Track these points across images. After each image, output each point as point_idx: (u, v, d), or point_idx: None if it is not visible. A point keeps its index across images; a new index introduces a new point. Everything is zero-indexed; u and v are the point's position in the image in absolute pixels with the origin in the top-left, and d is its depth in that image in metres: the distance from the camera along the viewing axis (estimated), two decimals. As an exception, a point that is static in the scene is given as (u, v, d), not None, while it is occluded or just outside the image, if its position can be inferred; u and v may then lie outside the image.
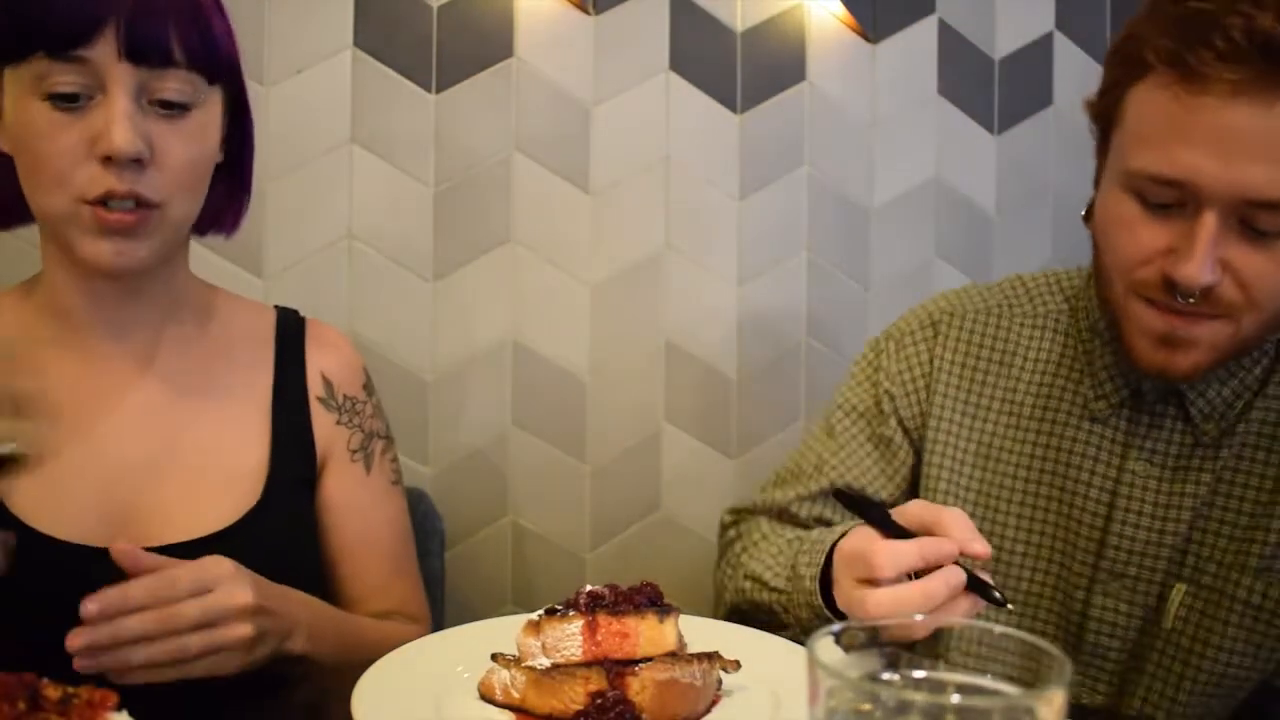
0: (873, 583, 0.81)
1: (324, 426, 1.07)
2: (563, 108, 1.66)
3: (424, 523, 1.40)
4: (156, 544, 0.90)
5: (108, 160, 0.86)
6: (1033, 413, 1.08)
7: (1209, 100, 0.82)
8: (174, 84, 0.90)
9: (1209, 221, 0.85)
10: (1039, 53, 1.88)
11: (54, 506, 0.89)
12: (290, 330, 1.09)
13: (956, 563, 0.80)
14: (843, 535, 0.90)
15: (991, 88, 1.86)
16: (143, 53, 0.88)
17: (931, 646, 0.61)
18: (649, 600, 0.80)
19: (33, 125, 0.87)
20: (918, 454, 1.14)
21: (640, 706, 0.75)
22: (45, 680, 0.60)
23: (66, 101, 0.86)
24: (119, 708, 0.60)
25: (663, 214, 1.71)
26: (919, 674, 0.55)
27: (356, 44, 1.59)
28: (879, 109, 1.81)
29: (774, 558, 1.06)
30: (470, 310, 1.64)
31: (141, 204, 0.89)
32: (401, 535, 1.12)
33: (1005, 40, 1.86)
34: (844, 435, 1.17)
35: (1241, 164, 0.82)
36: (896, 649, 0.56)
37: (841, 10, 1.76)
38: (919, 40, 1.82)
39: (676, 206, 1.72)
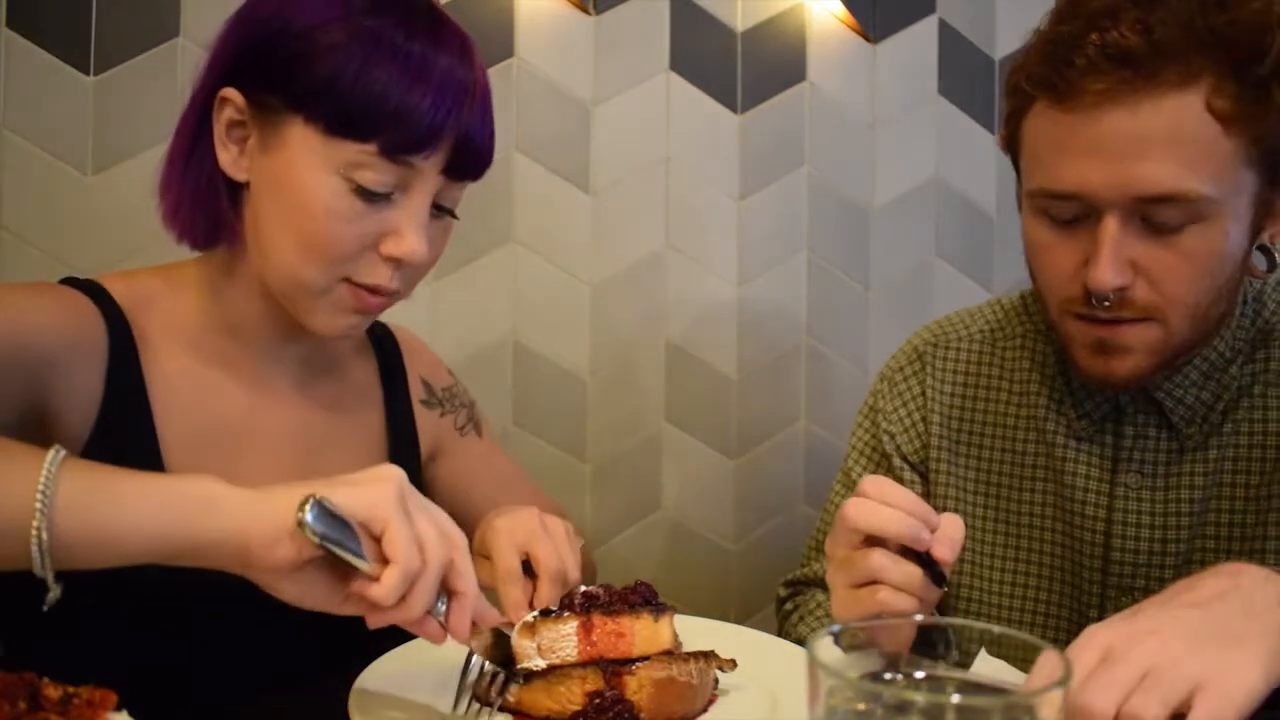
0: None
1: (428, 424, 1.11)
2: (563, 108, 1.66)
3: (424, 523, 1.40)
4: None
5: (392, 259, 0.88)
6: (1026, 436, 1.09)
7: (1081, 114, 0.87)
8: (458, 193, 0.93)
9: (1110, 225, 0.88)
10: (1039, 53, 1.88)
11: None
12: (383, 338, 1.12)
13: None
14: None
15: (992, 88, 1.86)
16: (463, 169, 0.89)
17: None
18: (644, 599, 0.81)
19: (324, 201, 0.85)
20: (927, 488, 1.14)
21: (638, 705, 0.75)
22: (45, 680, 0.59)
23: (370, 196, 0.86)
24: (119, 708, 0.60)
25: (663, 214, 1.71)
26: (919, 674, 0.55)
27: (357, 44, 1.59)
28: (879, 109, 1.81)
29: (819, 621, 1.11)
30: (470, 310, 1.64)
31: (392, 293, 0.92)
32: (520, 471, 1.23)
33: (1006, 40, 1.86)
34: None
35: (1123, 165, 0.86)
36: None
37: (842, 10, 1.76)
38: (919, 40, 1.82)
39: (677, 206, 1.72)
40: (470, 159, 0.89)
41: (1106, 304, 0.90)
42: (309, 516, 0.66)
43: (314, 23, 0.84)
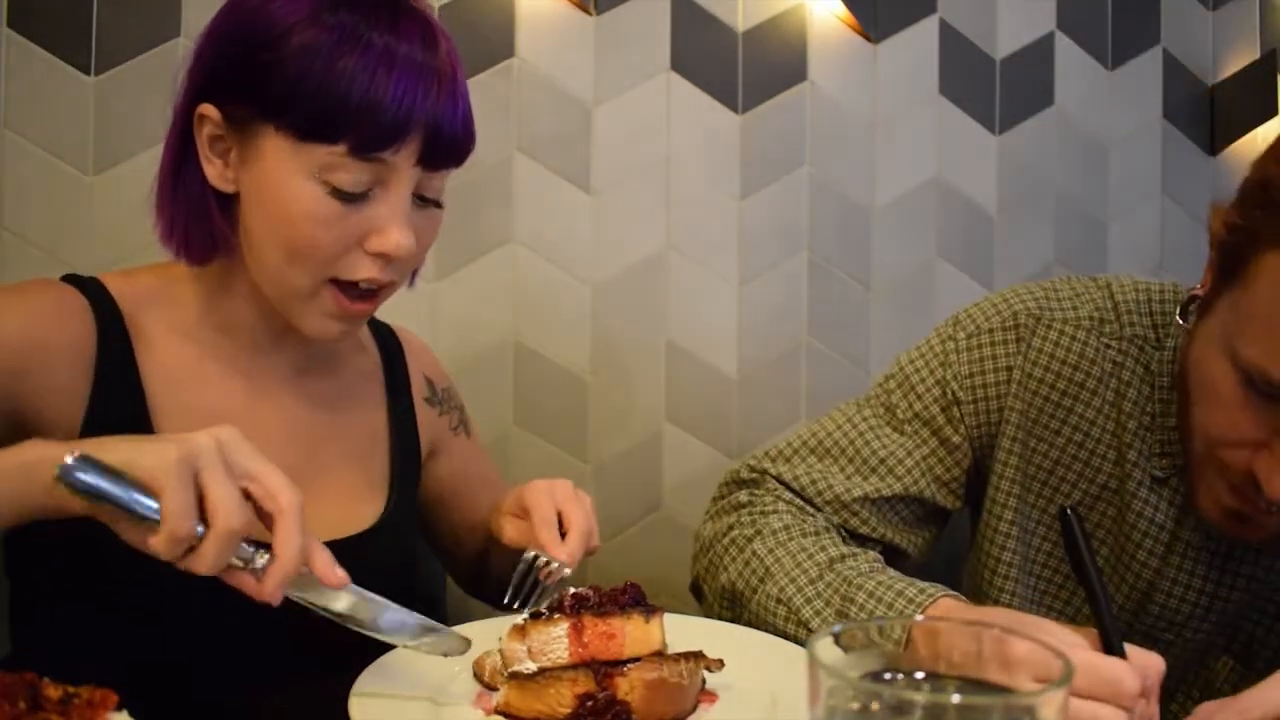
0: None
1: (429, 421, 1.13)
2: (564, 108, 1.66)
3: (424, 523, 1.40)
4: None
5: (379, 255, 0.87)
6: (1105, 452, 0.99)
7: None
8: (440, 182, 0.92)
9: None
10: (1040, 53, 1.88)
11: None
12: (386, 336, 1.14)
13: None
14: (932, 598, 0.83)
15: (993, 88, 1.86)
16: (439, 159, 0.88)
17: None
18: (634, 600, 0.80)
19: (303, 206, 0.85)
20: (975, 460, 1.05)
21: (630, 706, 0.75)
22: (45, 680, 0.59)
23: (348, 196, 0.85)
24: (119, 708, 0.60)
25: (663, 214, 1.71)
26: (919, 674, 0.55)
27: (357, 44, 1.59)
28: (880, 109, 1.81)
29: (811, 585, 0.94)
30: (470, 310, 1.64)
31: (383, 286, 0.91)
32: (496, 471, 1.25)
33: (1006, 40, 1.86)
34: (915, 437, 1.05)
35: None
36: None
37: (843, 10, 1.76)
38: (920, 40, 1.82)
39: (677, 206, 1.72)
40: (444, 147, 0.88)
41: (1273, 509, 0.81)
42: (60, 471, 0.66)
43: (279, 28, 0.85)
